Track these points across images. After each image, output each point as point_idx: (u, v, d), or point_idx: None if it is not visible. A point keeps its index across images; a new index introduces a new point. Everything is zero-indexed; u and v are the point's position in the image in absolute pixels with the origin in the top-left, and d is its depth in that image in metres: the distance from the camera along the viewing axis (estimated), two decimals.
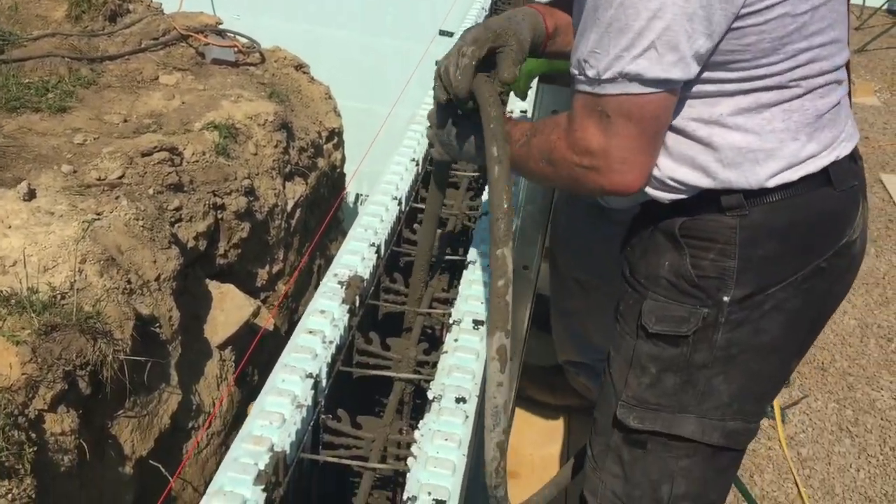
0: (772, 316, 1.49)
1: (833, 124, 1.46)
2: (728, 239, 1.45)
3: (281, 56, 5.13)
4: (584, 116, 1.31)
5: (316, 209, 4.99)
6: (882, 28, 10.42)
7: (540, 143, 1.41)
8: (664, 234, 1.53)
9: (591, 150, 1.31)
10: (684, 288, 1.50)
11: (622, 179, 1.32)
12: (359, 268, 1.71)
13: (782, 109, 1.39)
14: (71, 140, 3.63)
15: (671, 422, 1.57)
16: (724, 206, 1.44)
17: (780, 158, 1.41)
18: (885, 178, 6.90)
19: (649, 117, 1.29)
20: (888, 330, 5.07)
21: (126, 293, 2.93)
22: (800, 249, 1.48)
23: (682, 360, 1.53)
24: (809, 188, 1.45)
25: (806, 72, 1.38)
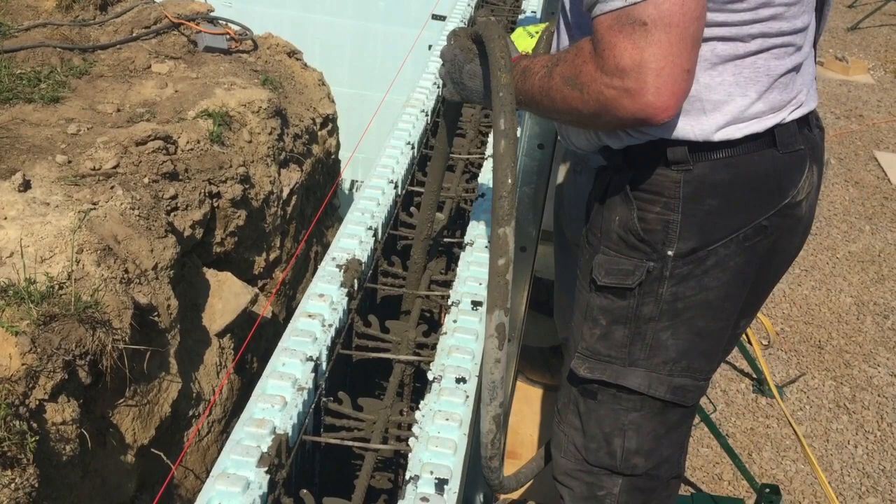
0: (715, 273, 1.53)
1: (786, 88, 1.48)
2: (672, 193, 1.49)
3: (273, 43, 5.11)
4: (612, 35, 1.25)
5: (311, 196, 4.99)
6: (875, 5, 10.41)
7: (564, 69, 1.36)
8: (617, 191, 1.57)
9: (622, 68, 1.24)
10: (632, 242, 1.54)
11: (656, 100, 1.24)
12: (357, 251, 1.71)
13: (735, 64, 1.42)
14: (65, 130, 3.62)
15: (618, 373, 1.62)
16: (670, 160, 1.47)
17: (727, 112, 1.44)
18: (880, 156, 6.91)
19: (691, 17, 1.23)
20: (884, 307, 5.10)
21: (124, 282, 2.93)
22: (741, 206, 1.51)
23: (629, 312, 1.58)
24: (753, 148, 1.47)
25: (764, 28, 1.40)
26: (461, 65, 1.55)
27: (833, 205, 6.17)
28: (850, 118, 7.66)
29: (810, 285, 5.22)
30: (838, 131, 7.31)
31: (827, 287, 5.23)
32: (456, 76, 1.57)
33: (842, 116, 7.66)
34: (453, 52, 1.57)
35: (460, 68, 1.56)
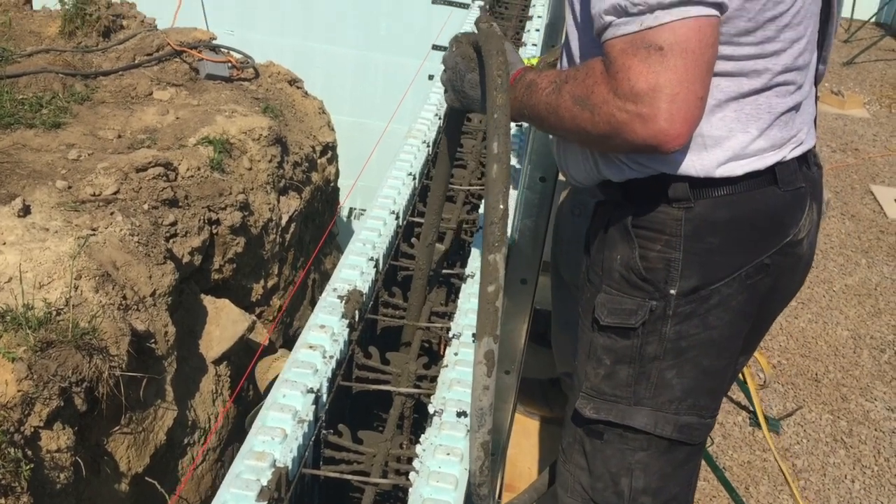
0: (718, 312, 1.53)
1: (786, 126, 1.49)
2: (674, 231, 1.48)
3: (275, 71, 5.15)
4: (626, 58, 1.24)
5: (310, 223, 5.00)
6: (870, 41, 10.52)
7: (574, 88, 1.34)
8: (617, 228, 1.56)
9: (637, 92, 1.23)
10: (634, 281, 1.54)
11: (669, 126, 1.23)
12: (358, 282, 1.71)
13: (737, 100, 1.42)
14: (65, 156, 3.63)
15: (625, 413, 1.61)
16: (671, 197, 1.47)
17: (728, 148, 1.44)
18: (875, 189, 6.95)
19: (706, 44, 1.23)
20: (881, 341, 5.10)
21: (122, 309, 2.93)
22: (743, 245, 1.50)
23: (633, 351, 1.57)
24: (754, 185, 1.47)
25: (768, 64, 1.41)
26: (462, 73, 1.55)
27: (829, 238, 6.19)
28: (846, 152, 7.70)
29: (807, 318, 5.22)
30: (834, 165, 7.36)
31: (824, 320, 5.23)
32: (457, 84, 1.56)
33: (838, 150, 7.71)
34: (455, 60, 1.56)
35: (462, 77, 1.55)
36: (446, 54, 1.59)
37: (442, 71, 1.61)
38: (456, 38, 1.59)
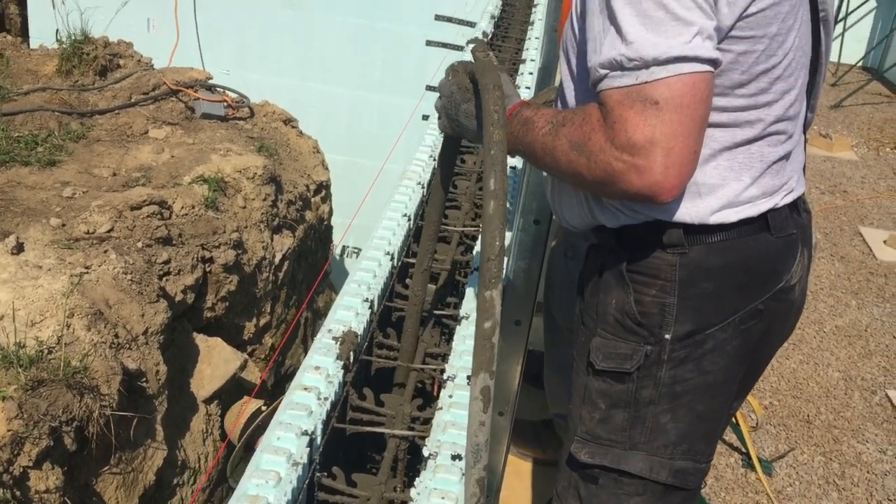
0: (713, 358, 1.54)
1: (778, 174, 1.52)
2: (668, 276, 1.49)
3: (270, 110, 5.19)
4: (623, 109, 1.26)
5: (303, 261, 5.01)
6: (857, 84, 10.68)
7: (572, 132, 1.33)
8: (612, 273, 1.57)
9: (634, 144, 1.24)
10: (629, 325, 1.54)
11: (664, 179, 1.25)
12: (353, 323, 1.72)
13: (730, 150, 1.45)
14: (60, 193, 3.64)
15: (620, 457, 1.60)
16: (666, 243, 1.48)
17: (722, 196, 1.46)
18: (864, 231, 7.00)
19: (700, 99, 1.26)
20: (871, 382, 5.10)
21: (113, 347, 2.92)
22: (736, 290, 1.52)
23: (628, 396, 1.57)
24: (747, 232, 1.49)
25: (761, 115, 1.44)
26: (458, 103, 1.54)
27: (819, 279, 6.22)
28: (834, 194, 7.78)
29: (798, 359, 5.23)
30: (823, 206, 7.42)
31: (815, 361, 5.24)
32: (452, 112, 1.56)
33: (826, 192, 7.79)
34: (451, 89, 1.56)
35: (457, 106, 1.55)
36: (442, 81, 1.59)
37: (437, 97, 1.62)
38: (453, 66, 1.59)
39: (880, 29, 12.17)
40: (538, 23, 4.11)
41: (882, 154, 8.93)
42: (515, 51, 4.12)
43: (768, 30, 1.35)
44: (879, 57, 12.00)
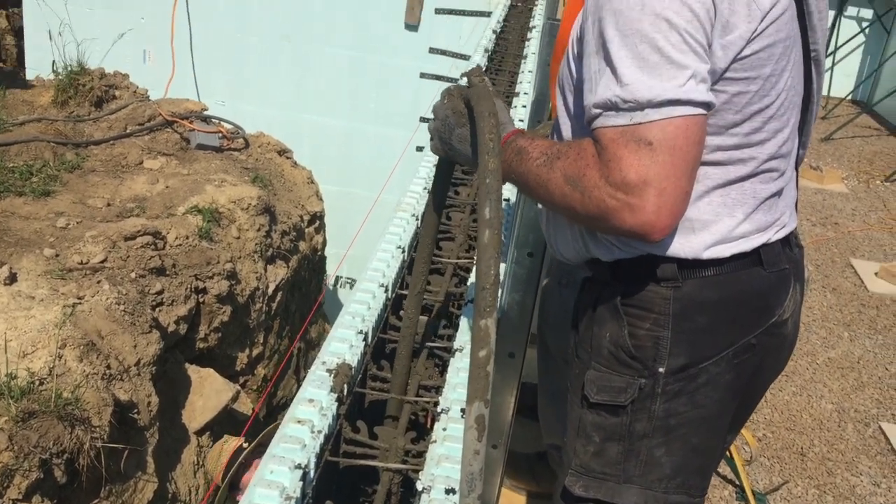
0: (706, 391, 1.55)
1: (770, 210, 1.54)
2: (662, 309, 1.51)
3: (265, 141, 5.22)
4: (617, 148, 1.28)
5: (297, 292, 5.00)
6: (847, 118, 10.79)
7: (566, 166, 1.35)
8: (606, 306, 1.58)
9: (628, 182, 1.26)
10: (623, 358, 1.55)
11: (656, 219, 1.27)
12: (347, 355, 1.72)
13: (724, 187, 1.47)
14: (54, 224, 3.64)
15: (614, 491, 1.60)
16: (660, 277, 1.50)
17: (715, 232, 1.48)
18: (856, 263, 7.04)
19: (693, 141, 1.28)
20: (865, 414, 5.10)
21: (105, 379, 2.91)
22: (730, 324, 1.53)
23: (623, 429, 1.58)
24: (740, 266, 1.51)
25: (753, 153, 1.46)
26: (452, 127, 1.55)
27: (812, 311, 6.24)
28: (825, 226, 7.83)
29: (791, 391, 5.23)
30: (815, 238, 7.47)
31: (808, 393, 5.24)
32: (445, 136, 1.57)
33: (818, 224, 7.84)
34: (445, 112, 1.56)
35: (451, 130, 1.55)
36: (437, 103, 1.59)
37: (432, 119, 1.62)
38: (448, 90, 1.59)
39: (869, 63, 12.33)
40: (531, 56, 4.16)
41: (872, 186, 9.00)
42: (509, 84, 4.16)
43: (762, 71, 1.37)
44: (869, 90, 12.14)
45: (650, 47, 1.27)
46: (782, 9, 1.37)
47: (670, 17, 1.27)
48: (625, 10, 1.29)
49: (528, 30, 5.06)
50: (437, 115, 1.59)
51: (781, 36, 1.38)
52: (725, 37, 1.32)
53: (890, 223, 7.98)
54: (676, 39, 1.27)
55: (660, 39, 1.26)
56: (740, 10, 1.32)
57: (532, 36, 4.75)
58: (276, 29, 6.68)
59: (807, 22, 1.50)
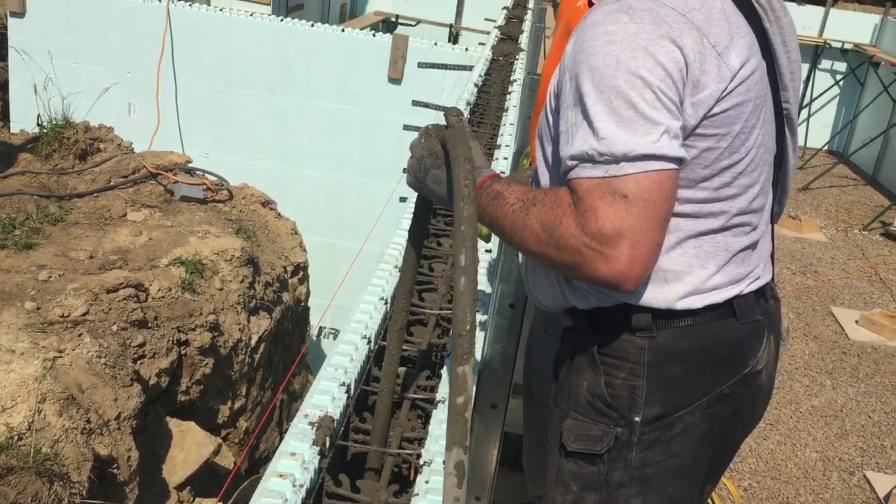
0: (682, 440, 1.56)
1: (743, 263, 1.57)
2: (637, 359, 1.52)
3: (249, 193, 5.25)
4: (593, 198, 1.30)
5: (280, 343, 4.98)
6: (824, 167, 10.97)
7: (543, 214, 1.37)
8: (584, 355, 1.59)
9: (604, 233, 1.29)
10: (599, 407, 1.56)
11: (629, 270, 1.30)
12: (329, 408, 1.72)
13: (696, 238, 1.50)
14: (35, 277, 3.63)
15: None
16: (635, 327, 1.51)
17: (688, 283, 1.51)
18: (836, 311, 7.10)
19: (665, 195, 1.32)
20: (849, 463, 5.10)
21: (85, 433, 2.87)
22: (704, 374, 1.55)
23: (599, 478, 1.58)
24: (713, 317, 1.53)
25: (724, 207, 1.50)
26: (427, 167, 1.56)
27: (794, 359, 6.27)
28: (805, 274, 7.91)
29: (776, 440, 5.23)
30: (795, 287, 7.54)
31: (792, 442, 5.24)
32: (420, 175, 1.58)
33: (798, 272, 7.92)
34: (421, 153, 1.57)
35: (426, 170, 1.56)
36: (415, 142, 1.60)
37: (409, 157, 1.62)
38: (426, 129, 1.61)
39: (844, 114, 12.60)
40: (512, 110, 4.22)
41: (850, 235, 9.12)
42: (491, 136, 4.22)
43: (732, 128, 1.42)
44: (844, 141, 12.38)
45: (625, 103, 1.31)
46: (751, 69, 1.42)
47: (644, 76, 1.31)
48: (601, 67, 1.33)
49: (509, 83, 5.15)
50: (413, 153, 1.60)
51: (751, 95, 1.43)
52: (696, 95, 1.36)
53: (869, 271, 8.08)
54: (650, 97, 1.31)
55: (634, 96, 1.31)
56: (711, 70, 1.36)
57: (513, 89, 4.83)
58: (260, 82, 6.76)
59: (778, 81, 1.55)
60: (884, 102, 11.14)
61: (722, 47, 1.38)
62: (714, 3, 1.40)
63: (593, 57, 1.34)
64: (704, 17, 1.37)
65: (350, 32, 6.80)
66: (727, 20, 1.40)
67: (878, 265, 8.31)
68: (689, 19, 1.35)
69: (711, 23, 1.38)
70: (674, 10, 1.35)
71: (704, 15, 1.37)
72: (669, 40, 1.33)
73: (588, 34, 1.38)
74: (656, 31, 1.33)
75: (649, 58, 1.31)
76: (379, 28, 11.68)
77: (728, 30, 1.39)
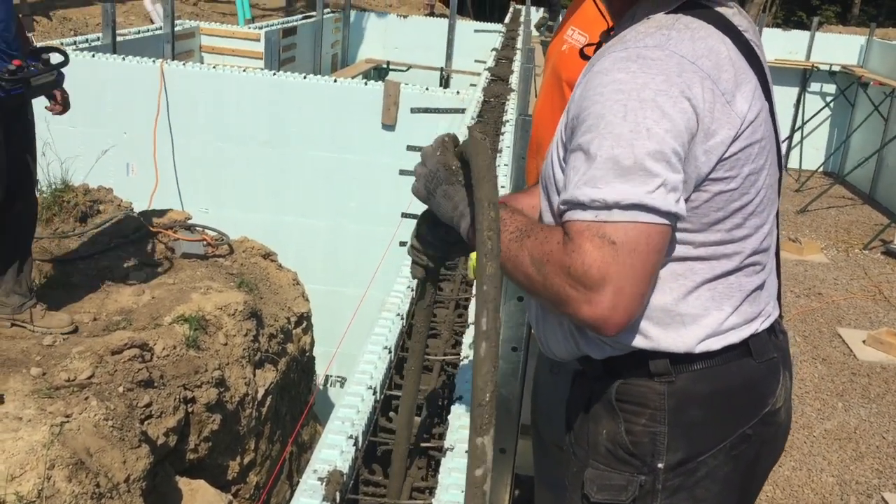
0: (706, 484, 1.54)
1: (755, 302, 1.58)
2: (658, 405, 1.51)
3: (249, 246, 5.27)
4: (583, 240, 1.30)
5: (286, 394, 4.97)
6: (820, 189, 11.01)
7: (534, 248, 1.37)
8: (601, 402, 1.58)
9: (590, 276, 1.29)
10: (621, 455, 1.54)
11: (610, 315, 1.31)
12: (338, 462, 1.71)
13: (711, 281, 1.50)
14: (40, 342, 3.64)
15: None
16: (653, 372, 1.51)
17: (705, 325, 1.50)
18: (843, 332, 7.07)
19: (653, 249, 1.32)
20: (866, 486, 5.05)
21: (95, 498, 2.86)
22: (725, 416, 1.54)
23: None
24: (731, 358, 1.53)
25: (737, 248, 1.50)
26: (440, 181, 1.50)
27: (804, 382, 6.24)
28: (809, 296, 7.90)
29: (791, 466, 5.18)
30: (800, 310, 7.52)
31: (808, 467, 5.19)
32: (431, 187, 1.51)
33: (801, 295, 7.90)
34: (437, 165, 1.51)
35: (438, 184, 1.50)
36: (428, 150, 1.53)
37: (419, 163, 1.56)
38: (442, 141, 1.54)
39: (836, 135, 12.68)
40: (506, 150, 4.26)
41: (852, 255, 9.13)
42: None
43: (741, 170, 1.43)
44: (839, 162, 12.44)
45: (626, 152, 1.31)
46: (756, 112, 1.43)
47: (650, 127, 1.31)
48: (608, 115, 1.33)
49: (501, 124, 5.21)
50: (426, 162, 1.53)
51: (757, 136, 1.44)
52: (708, 142, 1.37)
53: (872, 290, 8.07)
54: (653, 148, 1.31)
55: (637, 146, 1.31)
56: (721, 117, 1.37)
57: (506, 129, 4.88)
58: (255, 136, 6.83)
59: (775, 122, 1.57)
60: (875, 121, 11.23)
61: (730, 94, 1.39)
62: (720, 49, 1.41)
63: (600, 105, 1.35)
64: (713, 63, 1.38)
65: (342, 82, 6.89)
66: (733, 66, 1.41)
67: (881, 284, 8.31)
68: (700, 67, 1.36)
69: (720, 69, 1.39)
70: (684, 59, 1.36)
71: (713, 62, 1.38)
72: (679, 91, 1.34)
73: (596, 81, 1.39)
74: (665, 81, 1.34)
75: (657, 109, 1.32)
76: (370, 75, 11.81)
77: (734, 76, 1.41)
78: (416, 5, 16.79)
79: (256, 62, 8.96)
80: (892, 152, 10.75)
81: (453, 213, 1.49)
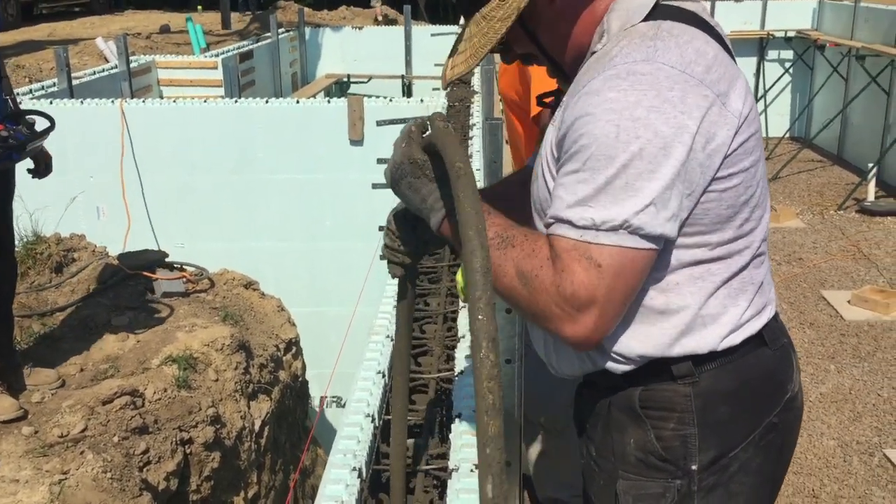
0: (739, 478, 1.55)
1: (763, 291, 1.58)
2: (685, 407, 1.51)
3: (229, 277, 5.23)
4: (570, 259, 1.31)
5: (283, 422, 4.94)
6: (789, 154, 11.10)
7: (520, 259, 1.36)
8: (623, 410, 1.56)
9: (577, 297, 1.30)
10: (653, 463, 1.53)
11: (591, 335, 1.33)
12: (343, 496, 1.70)
13: (726, 278, 1.50)
14: (28, 399, 3.59)
15: None
16: (676, 375, 1.50)
17: (725, 323, 1.50)
18: (827, 295, 7.13)
19: (638, 272, 1.33)
20: (867, 445, 5.09)
21: None
22: (751, 409, 1.55)
23: None
24: (748, 350, 1.54)
25: (747, 242, 1.50)
26: (405, 174, 1.47)
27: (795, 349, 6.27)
28: (790, 263, 7.96)
29: None
30: (783, 276, 7.57)
31: (808, 432, 5.23)
32: (396, 177, 1.49)
33: (783, 262, 7.96)
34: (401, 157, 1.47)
35: (402, 176, 1.47)
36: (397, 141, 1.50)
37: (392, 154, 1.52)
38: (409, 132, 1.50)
39: (799, 100, 12.79)
40: (476, 154, 4.27)
41: (827, 217, 9.21)
42: None
43: (743, 164, 1.42)
44: (804, 126, 12.55)
45: (616, 171, 1.31)
46: (749, 107, 1.43)
47: (643, 146, 1.30)
48: (600, 135, 1.32)
49: (468, 128, 5.21)
50: (393, 156, 1.50)
51: (752, 130, 1.44)
52: (710, 146, 1.36)
53: (852, 250, 8.15)
54: (644, 168, 1.30)
55: (629, 166, 1.30)
56: (719, 120, 1.37)
57: (474, 133, 4.88)
58: (222, 165, 6.78)
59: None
60: (836, 82, 11.33)
61: (724, 95, 1.38)
62: (707, 50, 1.40)
63: (592, 125, 1.34)
64: (703, 68, 1.37)
65: (304, 102, 6.86)
66: (722, 64, 1.41)
67: (859, 242, 8.39)
68: (691, 75, 1.35)
69: (711, 71, 1.38)
70: (673, 69, 1.34)
71: (703, 66, 1.37)
72: (671, 105, 1.32)
73: (587, 101, 1.36)
74: (657, 97, 1.32)
75: (649, 127, 1.31)
76: (332, 91, 11.77)
77: (725, 74, 1.40)
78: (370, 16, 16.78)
79: (216, 90, 8.90)
80: (856, 111, 10.86)
81: (421, 205, 1.47)
